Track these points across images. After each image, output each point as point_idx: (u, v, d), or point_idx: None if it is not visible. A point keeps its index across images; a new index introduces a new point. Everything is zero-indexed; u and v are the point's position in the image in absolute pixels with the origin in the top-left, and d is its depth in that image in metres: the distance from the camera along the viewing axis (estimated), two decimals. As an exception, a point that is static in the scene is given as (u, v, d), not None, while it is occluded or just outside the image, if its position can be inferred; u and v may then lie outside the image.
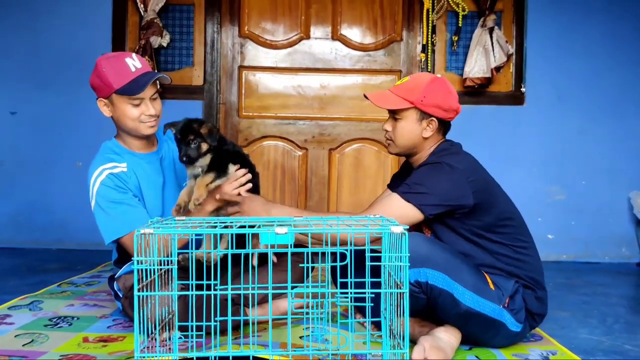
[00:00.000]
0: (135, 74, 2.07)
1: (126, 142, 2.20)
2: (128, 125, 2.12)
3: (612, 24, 3.98)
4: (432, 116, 2.02)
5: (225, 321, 1.60)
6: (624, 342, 2.12)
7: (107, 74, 2.05)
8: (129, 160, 2.16)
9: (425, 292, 1.81)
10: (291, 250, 1.50)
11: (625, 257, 3.98)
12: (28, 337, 2.01)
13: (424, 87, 2.00)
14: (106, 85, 2.06)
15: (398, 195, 1.92)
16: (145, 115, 2.10)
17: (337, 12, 4.01)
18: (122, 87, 2.05)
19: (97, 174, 2.08)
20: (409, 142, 2.06)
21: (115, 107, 2.11)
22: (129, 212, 2.07)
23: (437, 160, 1.98)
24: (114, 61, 2.08)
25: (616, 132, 4.00)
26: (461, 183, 1.93)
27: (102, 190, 2.07)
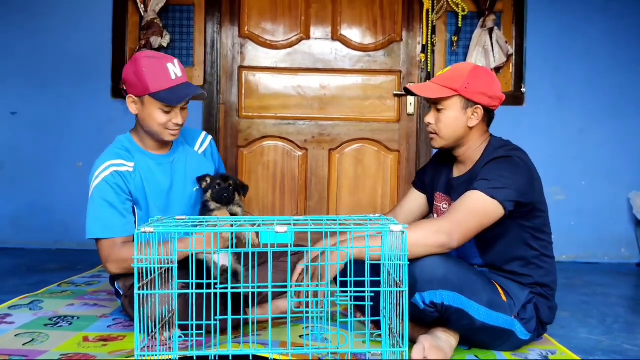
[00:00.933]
0: (175, 82, 2.04)
1: (141, 139, 2.19)
2: (152, 129, 2.11)
3: (612, 24, 3.98)
4: (477, 104, 1.95)
5: (225, 320, 1.60)
6: (623, 342, 2.13)
7: (146, 75, 2.01)
8: (138, 160, 2.15)
9: (439, 312, 1.79)
10: (291, 250, 1.50)
11: (625, 258, 3.98)
12: (28, 337, 2.01)
13: (467, 75, 1.93)
14: (142, 85, 2.03)
15: (480, 192, 1.82)
16: (172, 123, 2.08)
17: (337, 12, 4.02)
18: (158, 92, 2.02)
19: (102, 168, 2.09)
20: (455, 133, 1.98)
21: (144, 108, 2.08)
22: (116, 219, 2.07)
23: (507, 154, 1.91)
24: (156, 63, 2.04)
25: (616, 132, 4.01)
26: (531, 179, 1.90)
27: (102, 186, 2.07)
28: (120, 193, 2.09)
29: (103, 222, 2.06)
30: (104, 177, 2.07)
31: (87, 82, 3.98)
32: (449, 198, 2.09)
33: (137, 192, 2.13)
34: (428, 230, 1.78)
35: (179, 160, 2.25)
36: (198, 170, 2.27)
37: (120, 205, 2.08)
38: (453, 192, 2.06)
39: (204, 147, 2.36)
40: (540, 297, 1.97)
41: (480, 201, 1.82)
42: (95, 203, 2.07)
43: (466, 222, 1.80)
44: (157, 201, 2.17)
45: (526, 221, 1.94)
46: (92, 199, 2.08)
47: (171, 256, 1.56)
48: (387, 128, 4.03)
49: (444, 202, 2.12)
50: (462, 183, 2.01)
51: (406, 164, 4.03)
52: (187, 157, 2.27)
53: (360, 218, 1.68)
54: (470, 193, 1.84)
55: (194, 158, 2.30)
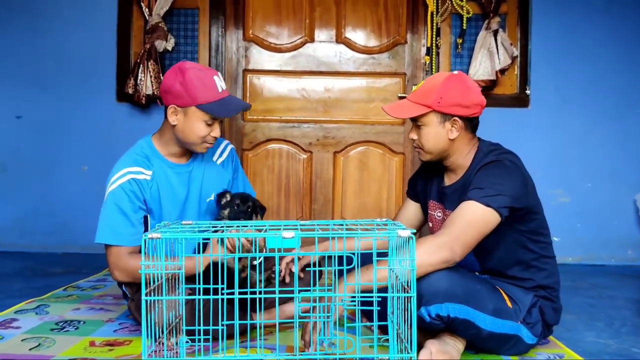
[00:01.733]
0: (222, 95, 2.04)
1: (165, 146, 2.16)
2: (190, 140, 2.08)
3: (617, 26, 3.97)
4: (453, 116, 1.92)
5: (232, 325, 1.59)
6: (631, 345, 2.11)
7: (195, 86, 2.00)
8: (157, 168, 2.13)
9: (445, 324, 1.78)
10: (298, 254, 1.50)
11: (631, 260, 3.97)
12: (35, 341, 2.01)
13: (439, 88, 1.91)
14: (189, 96, 2.01)
15: (475, 201, 1.80)
16: (211, 136, 2.08)
17: (341, 15, 4.02)
18: (208, 104, 2.01)
19: (120, 174, 2.07)
20: (437, 146, 1.96)
21: (187, 119, 2.05)
22: (125, 228, 2.06)
23: (498, 158, 1.89)
24: (204, 75, 2.03)
25: (620, 134, 4.00)
26: (524, 182, 1.89)
27: (117, 192, 2.05)
28: (134, 201, 2.07)
29: (113, 228, 2.05)
30: (121, 183, 2.06)
31: (91, 85, 3.99)
32: (442, 206, 2.08)
33: (153, 200, 2.12)
34: (429, 248, 1.74)
35: (197, 170, 2.23)
36: (215, 181, 2.27)
37: (133, 214, 2.07)
38: (446, 200, 2.04)
39: (223, 157, 2.33)
40: (545, 299, 1.96)
41: (476, 211, 1.79)
42: (108, 208, 2.06)
43: (465, 233, 1.77)
44: (171, 210, 2.16)
45: (521, 225, 1.92)
46: (106, 204, 2.07)
47: (179, 262, 1.56)
48: (392, 131, 4.02)
49: (438, 210, 2.10)
50: (455, 191, 1.99)
51: (411, 167, 4.02)
52: (205, 168, 2.25)
53: (367, 223, 1.68)
54: (465, 204, 1.82)
55: (211, 168, 2.28)
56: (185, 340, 1.64)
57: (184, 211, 2.20)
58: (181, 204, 2.19)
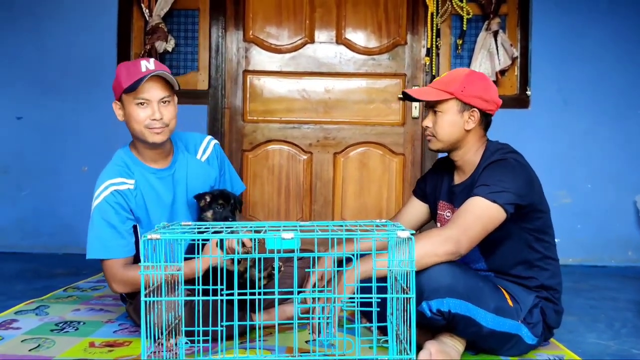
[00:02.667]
0: (145, 73, 2.01)
1: (140, 152, 2.15)
2: (135, 130, 2.06)
3: (618, 26, 3.97)
4: (473, 107, 1.97)
5: (231, 326, 1.59)
6: (631, 347, 2.11)
7: (120, 74, 2.04)
8: (139, 176, 2.12)
9: (446, 320, 1.79)
10: (297, 255, 1.50)
11: (632, 261, 3.96)
12: (34, 342, 2.01)
13: (463, 78, 1.97)
14: (118, 85, 2.05)
15: (481, 197, 1.83)
16: (151, 119, 2.02)
17: (341, 16, 4.02)
18: (129, 85, 2.00)
19: (102, 188, 2.07)
20: (452, 135, 2.00)
21: (125, 109, 2.07)
22: (115, 240, 2.06)
23: (503, 157, 1.93)
24: (131, 64, 2.07)
25: (622, 135, 3.99)
26: (529, 180, 1.92)
27: (102, 206, 2.06)
28: (120, 212, 2.07)
29: (103, 242, 2.06)
30: (104, 196, 2.06)
31: (92, 87, 3.99)
32: (452, 206, 2.10)
33: (139, 209, 2.11)
34: (435, 240, 1.78)
35: (180, 172, 2.20)
36: (201, 179, 2.24)
37: (121, 225, 2.07)
38: (455, 199, 2.07)
39: (207, 153, 2.30)
40: (546, 300, 1.97)
41: (482, 207, 1.83)
42: (96, 223, 2.07)
43: (471, 228, 1.80)
44: (160, 216, 2.14)
45: (528, 223, 1.94)
46: (93, 219, 2.08)
47: (177, 263, 1.56)
48: (392, 131, 4.02)
49: (447, 210, 2.12)
50: (463, 190, 2.02)
51: (411, 168, 4.02)
52: (189, 167, 2.23)
53: (366, 223, 1.68)
54: (472, 200, 1.85)
55: (195, 167, 2.25)
56: (184, 342, 1.63)
57: (172, 215, 2.18)
58: (169, 208, 2.17)
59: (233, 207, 2.17)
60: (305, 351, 1.89)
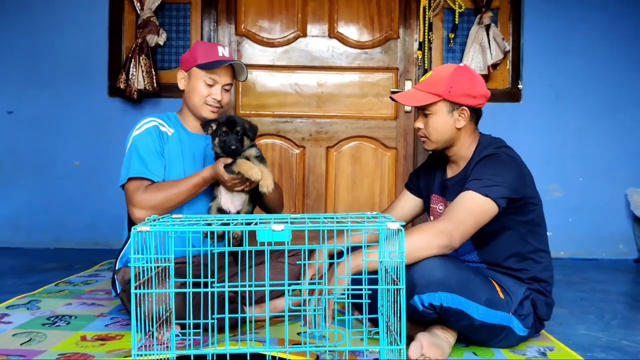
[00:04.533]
0: (221, 58, 2.24)
1: (185, 119, 2.32)
2: (194, 101, 2.25)
3: (610, 21, 3.98)
4: (462, 105, 1.98)
5: (222, 318, 1.59)
6: (621, 338, 2.13)
7: (197, 51, 2.25)
8: (179, 131, 2.28)
9: (438, 313, 1.80)
10: (288, 248, 1.50)
11: (623, 254, 3.99)
12: (26, 336, 2.01)
13: (448, 78, 1.96)
14: (192, 58, 2.25)
15: (473, 191, 1.85)
16: (212, 97, 2.24)
17: (333, 9, 4.01)
18: (205, 63, 2.21)
19: (146, 121, 2.24)
20: (444, 135, 2.01)
21: (190, 81, 2.26)
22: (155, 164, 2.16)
23: (495, 152, 1.95)
24: (208, 45, 2.31)
25: (613, 129, 4.01)
26: (521, 174, 1.94)
27: (144, 134, 2.20)
28: (158, 144, 2.20)
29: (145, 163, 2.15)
30: (147, 127, 2.22)
31: (83, 81, 3.98)
32: (444, 199, 2.11)
33: (167, 156, 2.22)
34: (428, 234, 1.79)
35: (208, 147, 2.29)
36: None
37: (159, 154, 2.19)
38: (448, 192, 2.08)
39: None
40: (537, 292, 1.98)
41: (475, 200, 1.84)
42: (136, 146, 2.17)
43: (464, 221, 1.82)
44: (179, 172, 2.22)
45: (521, 216, 1.96)
46: (133, 144, 2.19)
47: (168, 255, 1.56)
48: (385, 125, 4.02)
49: (440, 203, 2.13)
50: (456, 183, 2.03)
51: (403, 161, 4.03)
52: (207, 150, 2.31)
53: (357, 216, 1.68)
54: (465, 194, 1.87)
55: None
56: (175, 334, 1.63)
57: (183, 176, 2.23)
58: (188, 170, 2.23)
59: (241, 133, 2.12)
60: (297, 343, 1.89)
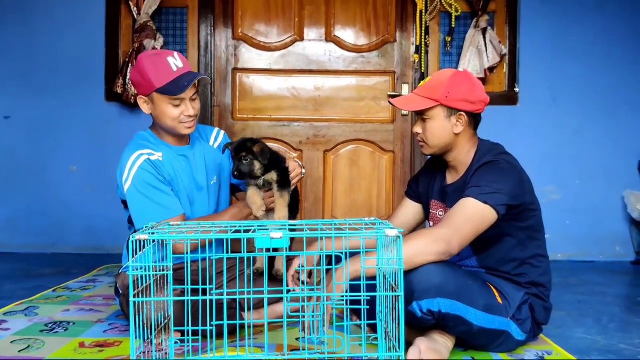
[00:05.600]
0: (177, 73, 2.06)
1: (160, 134, 2.21)
2: (167, 125, 2.12)
3: (606, 24, 3.99)
4: (460, 111, 1.98)
5: (221, 325, 1.60)
6: (619, 342, 2.13)
7: (149, 72, 2.04)
8: (165, 152, 2.16)
9: (437, 319, 1.80)
10: (286, 254, 1.50)
11: (620, 256, 4.00)
12: (24, 343, 2.01)
13: (447, 83, 1.96)
14: (147, 83, 2.06)
15: (472, 198, 1.84)
16: (185, 115, 2.10)
17: (330, 13, 4.02)
18: (163, 86, 2.04)
19: (134, 158, 2.08)
20: (442, 140, 2.01)
21: (156, 106, 2.10)
22: (169, 199, 2.09)
23: (495, 159, 1.95)
24: (156, 59, 2.07)
25: (610, 131, 4.02)
26: (520, 181, 1.94)
27: (141, 174, 2.06)
28: (159, 176, 2.10)
29: (158, 206, 2.06)
30: (139, 165, 2.07)
31: (80, 85, 3.97)
32: (444, 205, 2.11)
33: (170, 180, 2.14)
34: (427, 240, 1.80)
35: (199, 154, 2.26)
36: (215, 164, 2.30)
37: (166, 187, 2.10)
38: (448, 199, 2.08)
39: (218, 141, 2.38)
40: (536, 297, 1.99)
41: (474, 207, 1.84)
42: (141, 191, 2.06)
43: (463, 228, 1.82)
44: (182, 193, 2.18)
45: (521, 222, 1.96)
46: (135, 188, 2.06)
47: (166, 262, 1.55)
48: (382, 129, 4.03)
49: (440, 209, 2.13)
50: (456, 190, 2.03)
51: (401, 165, 4.03)
52: (205, 152, 2.29)
53: (355, 222, 1.69)
54: (464, 200, 1.87)
55: (210, 152, 2.32)
56: (174, 341, 1.63)
57: (192, 194, 2.22)
58: (188, 187, 2.20)
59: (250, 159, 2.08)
60: (296, 349, 1.90)
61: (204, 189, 2.24)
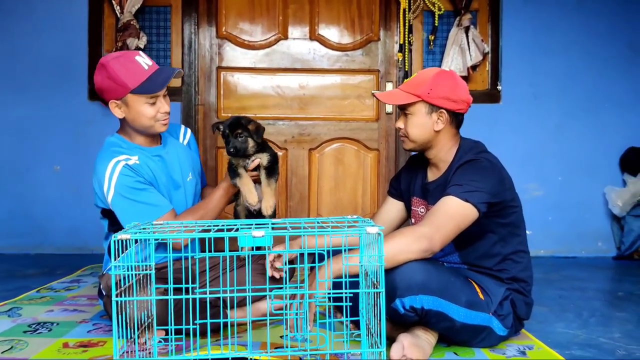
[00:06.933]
0: (149, 72, 2.05)
1: (131, 137, 2.17)
2: (144, 124, 2.10)
3: (587, 22, 4.04)
4: (441, 108, 2.01)
5: (205, 323, 1.60)
6: (599, 336, 2.17)
7: (121, 74, 2.01)
8: (139, 155, 2.13)
9: (419, 316, 1.82)
10: (269, 252, 1.51)
11: (602, 251, 4.05)
12: (7, 344, 2.00)
13: (430, 80, 2.00)
14: (120, 86, 2.02)
15: (454, 196, 1.87)
16: (161, 112, 2.09)
17: (314, 12, 4.03)
18: (139, 86, 2.02)
19: (112, 166, 2.04)
20: (422, 136, 2.04)
21: (130, 108, 2.07)
22: (156, 196, 2.08)
23: (475, 157, 1.97)
24: (125, 60, 2.03)
25: (592, 128, 4.07)
26: (500, 179, 1.96)
27: (122, 179, 2.03)
28: (140, 178, 2.07)
29: (147, 205, 2.04)
30: (119, 171, 2.04)
31: (63, 85, 3.94)
32: (425, 202, 2.13)
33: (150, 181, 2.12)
34: (409, 238, 1.82)
35: (171, 152, 2.25)
36: (188, 160, 2.30)
37: (150, 186, 2.09)
38: (429, 196, 2.11)
39: (186, 139, 2.39)
40: (517, 292, 2.01)
41: (456, 205, 1.87)
42: (126, 195, 2.03)
43: (444, 226, 1.84)
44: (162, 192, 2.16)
45: (501, 219, 1.99)
46: (119, 195, 2.03)
47: (149, 262, 1.56)
48: (366, 127, 4.04)
49: (421, 206, 2.15)
50: (437, 187, 2.06)
51: (385, 163, 4.05)
52: (177, 149, 2.29)
53: (338, 220, 1.70)
54: (445, 199, 1.90)
55: (182, 149, 2.32)
56: (158, 340, 1.64)
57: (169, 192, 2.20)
58: (169, 186, 2.20)
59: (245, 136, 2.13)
60: (279, 346, 1.90)
61: (181, 186, 2.24)
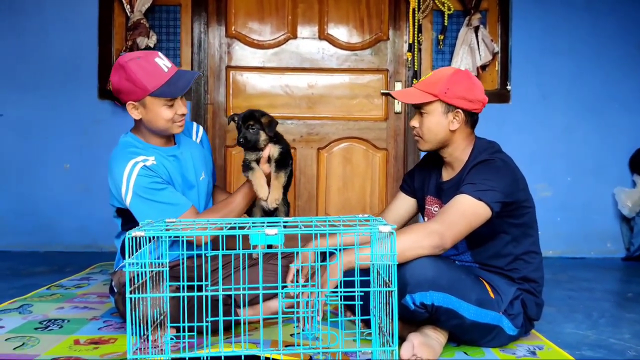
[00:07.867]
0: (169, 74, 2.04)
1: (146, 138, 2.16)
2: (160, 127, 2.10)
3: (596, 22, 4.02)
4: (457, 108, 2.00)
5: (216, 321, 1.61)
6: (608, 336, 2.16)
7: (140, 76, 1.99)
8: (155, 155, 2.12)
9: (429, 312, 1.82)
10: (281, 251, 1.52)
11: (611, 252, 4.04)
12: (19, 341, 2.01)
13: (446, 80, 1.99)
14: (139, 89, 2.01)
15: (467, 195, 1.87)
16: (178, 114, 2.09)
17: (323, 11, 4.03)
18: (158, 89, 2.01)
19: (129, 168, 2.03)
20: (437, 136, 2.04)
21: (148, 110, 2.06)
22: (175, 195, 2.08)
23: (490, 157, 1.97)
24: (144, 62, 2.02)
25: (601, 128, 4.05)
26: (514, 179, 1.96)
27: (141, 181, 2.02)
28: (158, 179, 2.07)
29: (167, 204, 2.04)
30: (137, 173, 2.03)
31: (73, 83, 3.96)
32: (440, 201, 2.13)
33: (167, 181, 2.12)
34: (420, 233, 1.82)
35: (185, 152, 2.25)
36: (201, 159, 2.31)
37: (169, 186, 2.09)
38: (443, 195, 2.10)
39: (199, 137, 2.39)
40: (528, 293, 2.01)
41: (468, 203, 1.86)
42: (145, 196, 2.02)
43: (456, 223, 1.84)
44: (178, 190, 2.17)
45: (514, 219, 1.99)
46: (137, 196, 2.02)
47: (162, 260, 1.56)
48: (375, 126, 4.04)
49: (435, 205, 2.15)
50: (451, 187, 2.06)
51: (394, 162, 4.05)
52: (191, 148, 2.29)
53: (349, 219, 1.70)
54: (458, 197, 1.90)
55: (195, 148, 2.32)
56: (170, 337, 1.64)
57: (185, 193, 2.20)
58: (183, 186, 2.20)
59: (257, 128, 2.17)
60: (290, 344, 1.91)
61: (195, 186, 2.25)
